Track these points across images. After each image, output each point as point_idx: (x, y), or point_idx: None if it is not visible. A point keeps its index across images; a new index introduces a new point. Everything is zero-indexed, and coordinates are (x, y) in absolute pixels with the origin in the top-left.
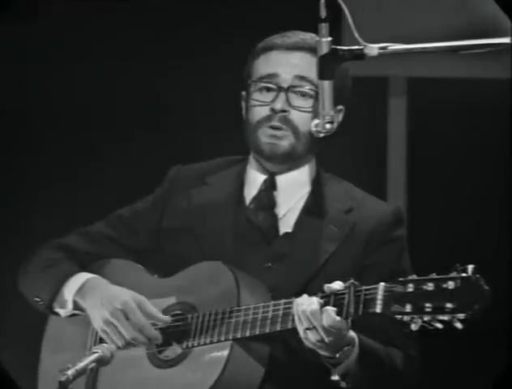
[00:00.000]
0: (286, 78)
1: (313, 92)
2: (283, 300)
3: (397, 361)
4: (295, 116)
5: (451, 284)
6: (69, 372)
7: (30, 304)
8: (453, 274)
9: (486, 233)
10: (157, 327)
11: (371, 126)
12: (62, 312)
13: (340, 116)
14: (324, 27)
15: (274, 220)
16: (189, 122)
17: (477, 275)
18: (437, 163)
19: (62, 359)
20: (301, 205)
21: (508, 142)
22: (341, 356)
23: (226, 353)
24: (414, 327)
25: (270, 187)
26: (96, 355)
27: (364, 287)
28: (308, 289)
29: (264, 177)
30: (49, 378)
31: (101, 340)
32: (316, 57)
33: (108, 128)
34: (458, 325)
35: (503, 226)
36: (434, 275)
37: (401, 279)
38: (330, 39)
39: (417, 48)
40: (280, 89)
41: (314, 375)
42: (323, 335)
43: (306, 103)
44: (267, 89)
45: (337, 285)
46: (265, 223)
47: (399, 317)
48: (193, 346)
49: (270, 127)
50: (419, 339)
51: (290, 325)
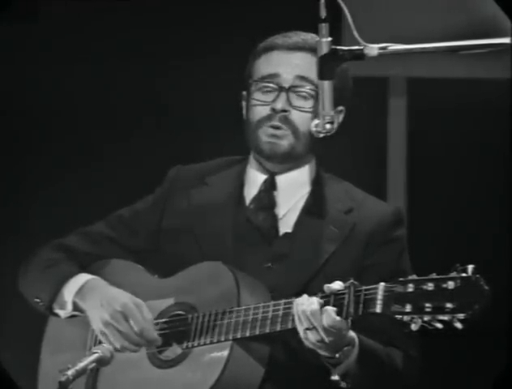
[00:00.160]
0: (287, 78)
1: (313, 93)
2: (283, 300)
3: (397, 361)
4: (295, 116)
5: (451, 284)
6: (69, 372)
7: (30, 304)
8: (453, 274)
9: (486, 233)
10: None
11: (371, 126)
12: (62, 313)
13: (341, 117)
14: (324, 27)
15: (274, 221)
16: (189, 122)
17: (477, 275)
18: (437, 163)
19: (62, 359)
20: (301, 205)
21: (508, 142)
22: (341, 356)
23: (226, 353)
24: (414, 327)
25: (270, 187)
26: (96, 355)
27: (364, 287)
28: (308, 289)
29: (264, 177)
30: (49, 379)
31: (101, 341)
32: (317, 57)
33: (108, 128)
34: (458, 325)
35: (503, 226)
36: (434, 275)
37: (401, 279)
38: (330, 39)
39: (417, 48)
40: (281, 89)
41: (314, 375)
42: (323, 335)
43: (307, 103)
44: (268, 89)
45: (337, 285)
46: (265, 223)
47: (399, 317)
48: (193, 346)
49: (270, 127)
50: (419, 339)
51: (290, 325)
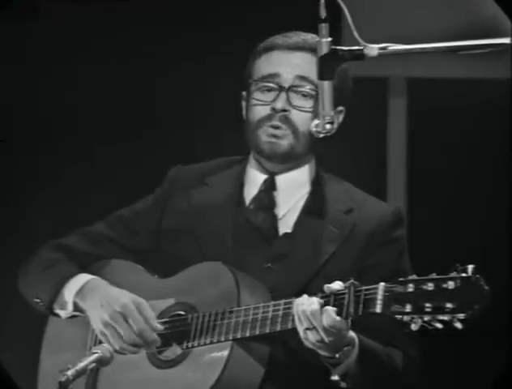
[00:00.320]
0: (287, 78)
1: (313, 92)
2: (283, 300)
3: (397, 362)
4: (295, 116)
5: (451, 284)
6: (69, 372)
7: (30, 304)
8: (453, 274)
9: (486, 233)
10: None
11: (371, 126)
12: (62, 313)
13: (340, 117)
14: (324, 27)
15: (273, 221)
16: (189, 122)
17: (477, 275)
18: (437, 163)
19: (62, 359)
20: (301, 205)
21: (508, 142)
22: (341, 356)
23: (226, 353)
24: (414, 327)
25: (270, 187)
26: (96, 355)
27: (364, 287)
28: (308, 289)
29: (264, 177)
30: (49, 379)
31: (101, 341)
32: (317, 57)
33: (108, 128)
34: (458, 325)
35: (503, 226)
36: (434, 275)
37: (401, 279)
38: (330, 39)
39: (417, 48)
40: (281, 89)
41: (314, 375)
42: (323, 335)
43: (307, 103)
44: (268, 89)
45: (337, 285)
46: (265, 223)
47: (399, 317)
48: (193, 346)
49: (270, 126)
50: (419, 339)
51: (290, 325)
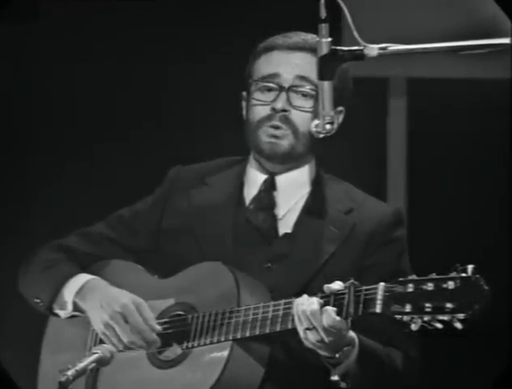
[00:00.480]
0: (287, 78)
1: (313, 93)
2: (283, 300)
3: (397, 362)
4: (295, 116)
5: (451, 284)
6: (69, 372)
7: (30, 304)
8: (453, 274)
9: (486, 233)
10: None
11: (371, 127)
12: (62, 313)
13: (340, 117)
14: (324, 27)
15: (273, 221)
16: (189, 122)
17: (477, 275)
18: (437, 163)
19: (62, 360)
20: (301, 205)
21: (508, 142)
22: (341, 356)
23: (226, 354)
24: (414, 327)
25: (270, 187)
26: (96, 355)
27: (364, 287)
28: (308, 290)
29: (264, 178)
30: (49, 379)
31: (101, 341)
32: (317, 57)
33: (108, 128)
34: (458, 325)
35: (503, 226)
36: (434, 275)
37: (401, 279)
38: (330, 39)
39: (417, 48)
40: (281, 89)
41: (314, 375)
42: (323, 335)
43: (307, 103)
44: (268, 89)
45: (337, 285)
46: (265, 223)
47: (399, 317)
48: (193, 346)
49: (270, 127)
50: (419, 339)
51: (290, 325)
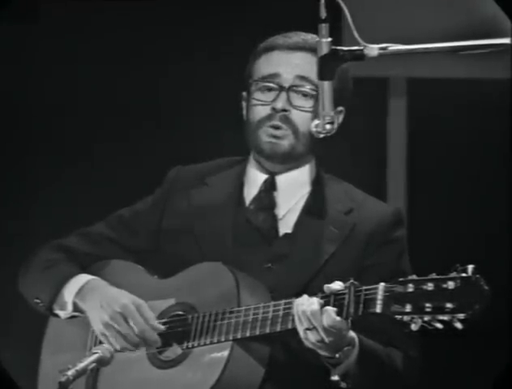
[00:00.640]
0: (287, 77)
1: (314, 92)
2: (283, 300)
3: (397, 362)
4: (295, 116)
5: (451, 284)
6: (69, 372)
7: (30, 305)
8: (453, 274)
9: (486, 233)
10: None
11: (371, 127)
12: (62, 314)
13: (340, 117)
14: (324, 27)
15: (274, 221)
16: (189, 122)
17: (477, 275)
18: (437, 163)
19: (62, 360)
20: (301, 205)
21: (508, 142)
22: (341, 356)
23: (226, 354)
24: (414, 327)
25: (270, 188)
26: (96, 355)
27: (364, 287)
28: (308, 290)
29: (264, 178)
30: (49, 379)
31: (101, 341)
32: (317, 57)
33: (108, 128)
34: (458, 325)
35: (503, 226)
36: (434, 275)
37: (401, 279)
38: (330, 39)
39: (417, 48)
40: (281, 89)
41: (314, 375)
42: (323, 335)
43: (307, 103)
44: (268, 89)
45: (337, 285)
46: (265, 223)
47: (399, 317)
48: (193, 346)
49: (270, 126)
50: (419, 339)
51: (290, 325)
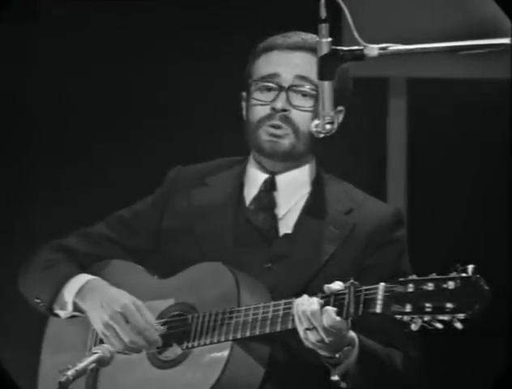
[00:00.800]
0: (287, 77)
1: (313, 92)
2: (283, 300)
3: (397, 362)
4: (295, 115)
5: (451, 284)
6: (69, 372)
7: (30, 304)
8: (453, 274)
9: (486, 233)
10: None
11: (371, 127)
12: (62, 313)
13: (340, 117)
14: (324, 27)
15: (274, 221)
16: (189, 122)
17: (477, 275)
18: (437, 163)
19: (62, 360)
20: (301, 205)
21: (508, 142)
22: (341, 356)
23: (226, 354)
24: (414, 327)
25: (270, 188)
26: (96, 355)
27: (364, 287)
28: (308, 290)
29: (264, 178)
30: (49, 379)
31: (101, 341)
32: (317, 57)
33: (108, 128)
34: (458, 325)
35: (503, 226)
36: (434, 275)
37: (401, 279)
38: (330, 39)
39: (417, 48)
40: (281, 88)
41: (314, 375)
42: (323, 335)
43: (307, 103)
44: (268, 89)
45: (337, 285)
46: (265, 223)
47: (399, 317)
48: (193, 346)
49: (270, 126)
50: (419, 339)
51: (290, 325)
